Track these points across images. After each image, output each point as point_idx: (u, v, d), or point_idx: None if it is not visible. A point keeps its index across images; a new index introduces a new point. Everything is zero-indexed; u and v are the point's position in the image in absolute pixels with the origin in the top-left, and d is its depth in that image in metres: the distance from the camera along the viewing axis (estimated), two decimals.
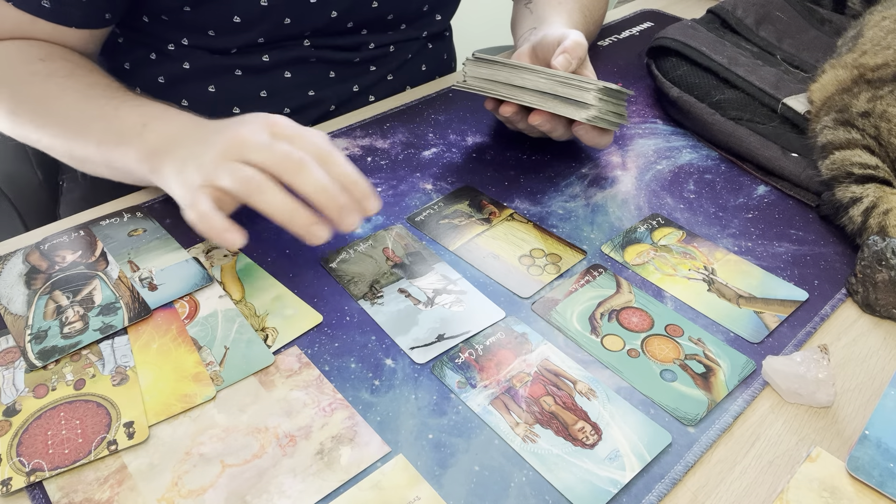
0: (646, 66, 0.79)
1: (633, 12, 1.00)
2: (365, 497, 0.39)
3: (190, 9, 0.67)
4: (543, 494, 0.40)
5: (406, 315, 0.51)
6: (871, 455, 0.41)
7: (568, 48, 0.61)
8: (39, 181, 0.85)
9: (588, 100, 0.59)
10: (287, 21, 0.70)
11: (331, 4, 0.72)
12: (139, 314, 0.50)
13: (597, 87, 0.59)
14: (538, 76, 0.61)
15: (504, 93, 0.62)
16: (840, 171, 0.57)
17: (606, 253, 0.56)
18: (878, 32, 0.66)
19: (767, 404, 0.45)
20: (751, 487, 0.40)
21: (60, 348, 0.47)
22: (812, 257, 0.56)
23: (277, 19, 0.70)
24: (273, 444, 0.42)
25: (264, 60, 0.73)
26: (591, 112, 0.59)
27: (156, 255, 0.55)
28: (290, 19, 0.70)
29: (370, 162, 0.67)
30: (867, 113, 0.58)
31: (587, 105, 0.59)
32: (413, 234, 0.58)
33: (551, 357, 0.47)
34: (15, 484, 0.39)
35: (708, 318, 0.51)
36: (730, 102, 0.68)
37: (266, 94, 0.75)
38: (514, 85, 0.62)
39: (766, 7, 0.82)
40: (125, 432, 0.42)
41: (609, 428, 0.43)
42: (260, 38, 0.71)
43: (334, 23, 0.73)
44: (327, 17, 0.72)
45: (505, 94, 0.62)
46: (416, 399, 0.45)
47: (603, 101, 0.60)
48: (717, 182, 0.65)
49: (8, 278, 0.53)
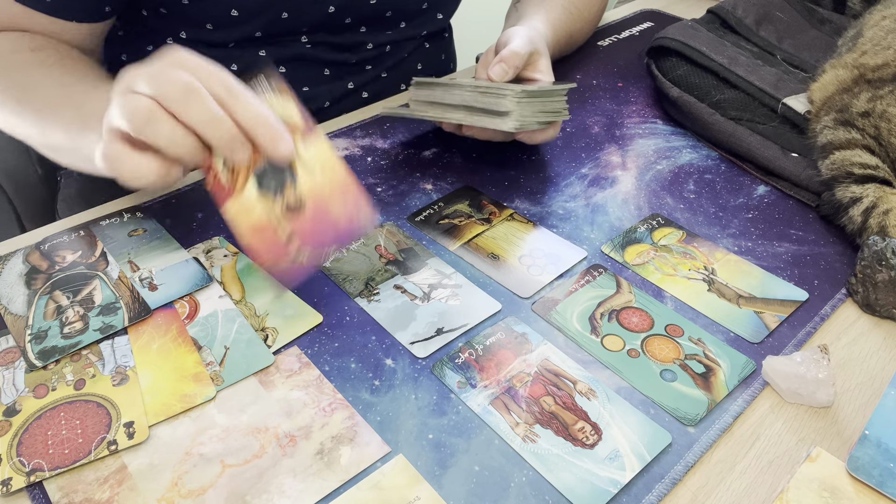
0: (646, 66, 0.79)
1: (633, 12, 1.00)
2: (365, 497, 0.39)
3: (188, 2, 0.67)
4: (543, 494, 0.40)
5: (404, 311, 0.51)
6: (871, 455, 0.41)
7: (504, 57, 0.61)
8: (39, 177, 0.85)
9: (506, 107, 0.58)
10: (285, 15, 0.70)
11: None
12: (139, 314, 0.50)
13: (514, 92, 0.58)
14: (463, 90, 0.60)
15: (435, 113, 0.62)
16: (840, 171, 0.57)
17: (606, 253, 0.56)
18: (878, 32, 0.66)
19: (767, 404, 0.45)
20: (751, 487, 0.40)
21: (60, 348, 0.47)
22: (812, 257, 0.56)
23: (275, 13, 0.70)
24: (273, 444, 0.42)
25: (261, 56, 0.73)
26: (513, 119, 0.58)
27: (156, 255, 0.55)
28: (287, 13, 0.70)
29: (370, 162, 0.67)
30: (867, 113, 0.58)
31: (506, 112, 0.58)
32: (404, 231, 0.58)
33: (551, 357, 0.47)
34: (15, 484, 0.39)
35: (708, 318, 0.51)
36: (730, 102, 0.68)
37: None
38: (446, 104, 0.61)
39: (766, 7, 0.82)
40: (125, 432, 0.42)
41: (609, 428, 0.43)
42: (257, 33, 0.71)
43: (332, 18, 0.73)
44: (325, 12, 0.72)
45: (434, 116, 0.61)
46: (416, 399, 0.45)
47: (524, 103, 0.58)
48: (717, 182, 0.65)
49: (8, 278, 0.53)
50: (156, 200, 0.62)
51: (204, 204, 0.61)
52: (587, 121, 0.74)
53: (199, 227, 0.59)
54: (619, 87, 0.80)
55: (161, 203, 0.62)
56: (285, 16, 0.71)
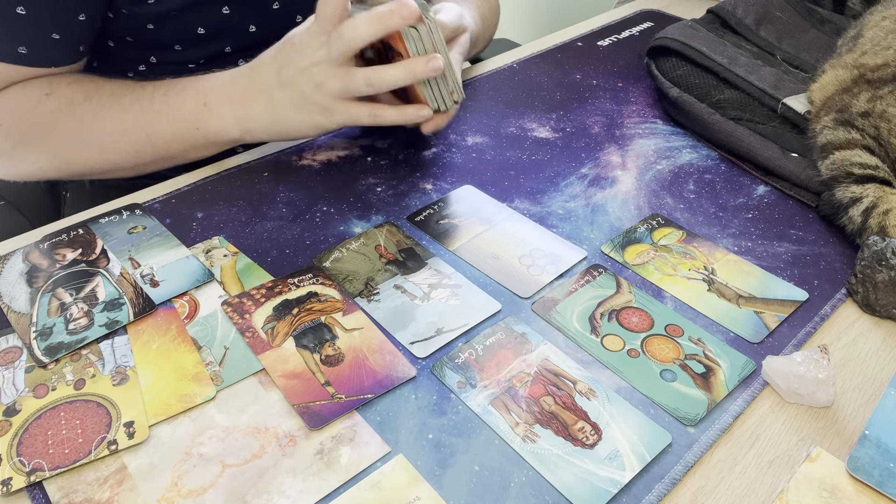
0: (646, 66, 0.79)
1: (633, 12, 1.00)
2: (365, 497, 0.39)
3: (153, 26, 0.68)
4: (543, 494, 0.40)
5: (404, 311, 0.51)
6: (871, 455, 0.41)
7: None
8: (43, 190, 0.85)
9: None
10: (252, 28, 0.70)
11: (294, 9, 0.71)
12: (144, 309, 0.50)
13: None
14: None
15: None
16: (840, 171, 0.57)
17: (606, 253, 0.56)
18: (878, 32, 0.66)
19: (767, 404, 0.45)
20: (751, 487, 0.40)
21: (67, 344, 0.47)
22: (812, 257, 0.56)
23: (242, 27, 0.70)
24: (273, 444, 0.42)
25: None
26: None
27: (156, 251, 0.55)
28: (254, 26, 0.70)
29: (370, 162, 0.67)
30: (867, 113, 0.58)
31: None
32: (404, 231, 0.58)
33: (551, 357, 0.47)
34: (15, 484, 0.39)
35: (708, 318, 0.51)
36: (730, 102, 0.68)
37: None
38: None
39: (766, 7, 0.82)
40: (125, 432, 0.42)
41: (609, 428, 0.43)
42: (227, 48, 0.72)
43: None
44: (292, 21, 0.72)
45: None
46: (416, 399, 0.45)
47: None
48: (717, 182, 0.65)
49: (9, 277, 0.53)
50: (156, 200, 0.62)
51: (204, 204, 0.61)
52: (587, 121, 0.74)
53: (199, 227, 0.59)
54: (619, 87, 0.80)
55: (161, 202, 0.62)
56: (253, 29, 0.70)
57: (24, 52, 0.62)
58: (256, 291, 0.52)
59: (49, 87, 0.64)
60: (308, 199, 0.62)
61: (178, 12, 0.67)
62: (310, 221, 0.59)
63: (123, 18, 0.67)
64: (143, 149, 0.63)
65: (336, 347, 0.48)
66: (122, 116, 0.62)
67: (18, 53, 0.61)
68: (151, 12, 0.66)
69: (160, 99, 0.62)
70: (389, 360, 0.47)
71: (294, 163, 0.67)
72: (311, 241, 0.57)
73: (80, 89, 0.64)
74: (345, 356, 0.47)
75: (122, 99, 0.63)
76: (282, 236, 0.58)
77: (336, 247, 0.57)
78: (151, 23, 0.67)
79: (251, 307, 0.50)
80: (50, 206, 0.86)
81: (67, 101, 0.63)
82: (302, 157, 0.68)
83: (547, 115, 0.75)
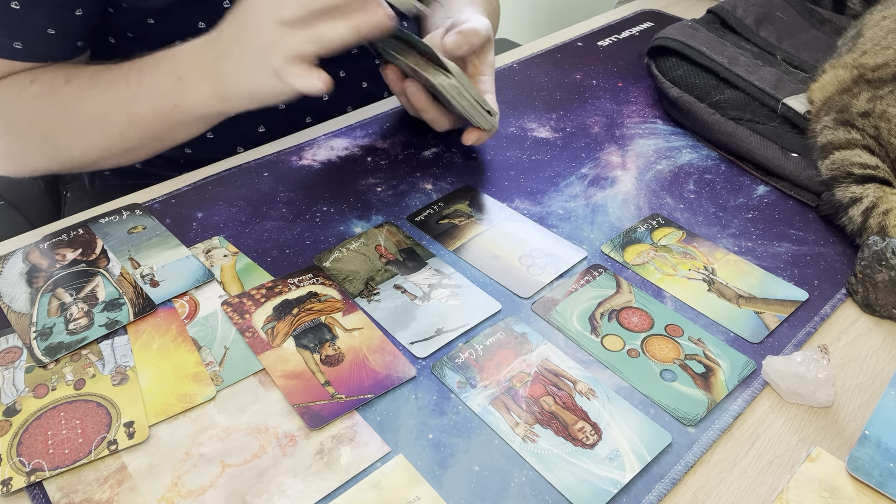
0: (646, 66, 0.79)
1: (633, 12, 1.00)
2: (365, 497, 0.39)
3: (154, 20, 0.67)
4: (543, 494, 0.40)
5: (404, 311, 0.51)
6: (871, 455, 0.41)
7: (465, 31, 0.60)
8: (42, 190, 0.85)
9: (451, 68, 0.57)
10: None
11: None
12: (144, 309, 0.50)
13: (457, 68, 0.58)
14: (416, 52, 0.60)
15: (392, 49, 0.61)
16: (840, 171, 0.57)
17: (606, 253, 0.56)
18: (878, 32, 0.66)
19: (767, 404, 0.45)
20: (751, 487, 0.40)
21: (67, 344, 0.47)
22: (812, 257, 0.56)
23: None
24: (273, 444, 0.42)
25: None
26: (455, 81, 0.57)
27: (156, 251, 0.55)
28: None
29: (370, 162, 0.67)
30: (867, 113, 0.58)
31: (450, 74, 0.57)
32: (404, 231, 0.58)
33: (551, 357, 0.47)
34: (15, 484, 0.39)
35: (708, 318, 0.51)
36: (730, 102, 0.68)
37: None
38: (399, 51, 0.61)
39: (766, 7, 0.82)
40: (125, 432, 0.42)
41: (609, 428, 0.43)
42: None
43: None
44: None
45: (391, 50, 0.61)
46: (416, 399, 0.45)
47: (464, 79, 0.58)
48: (717, 182, 0.65)
49: (9, 277, 0.53)
50: (156, 200, 0.62)
51: (204, 204, 0.61)
52: (587, 121, 0.74)
53: (199, 227, 0.59)
54: (619, 87, 0.80)
55: (161, 203, 0.62)
56: None
57: (19, 48, 0.61)
58: (256, 291, 0.52)
59: (33, 75, 0.63)
60: (308, 199, 0.62)
61: (179, 7, 0.67)
62: (310, 221, 0.59)
63: (124, 13, 0.66)
64: (127, 130, 0.62)
65: (336, 347, 0.48)
66: (102, 98, 0.61)
67: (14, 48, 0.61)
68: (152, 7, 0.66)
69: (135, 77, 0.61)
70: (389, 360, 0.47)
71: (294, 163, 0.67)
72: (311, 241, 0.57)
73: (62, 73, 0.63)
74: (345, 356, 0.47)
75: (100, 80, 0.62)
76: (282, 236, 0.58)
77: (336, 247, 0.57)
78: (152, 17, 0.67)
79: (251, 307, 0.50)
80: (50, 206, 0.86)
81: (49, 86, 0.62)
82: (302, 157, 0.68)
83: (547, 115, 0.75)
